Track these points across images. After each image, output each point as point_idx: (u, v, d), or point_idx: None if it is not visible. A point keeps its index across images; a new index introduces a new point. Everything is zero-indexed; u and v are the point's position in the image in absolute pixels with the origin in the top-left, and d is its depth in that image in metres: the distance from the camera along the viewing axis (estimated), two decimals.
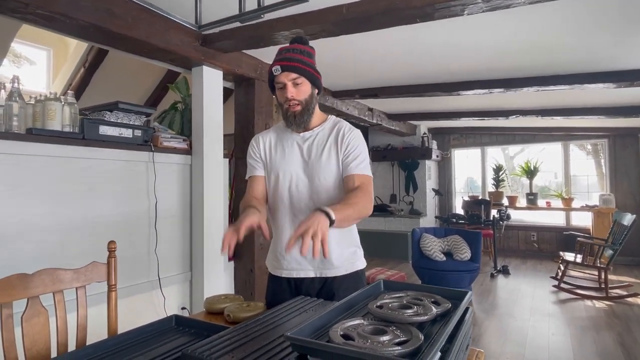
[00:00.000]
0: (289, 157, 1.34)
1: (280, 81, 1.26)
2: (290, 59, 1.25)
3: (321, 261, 1.30)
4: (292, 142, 1.36)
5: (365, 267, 1.41)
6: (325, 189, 1.30)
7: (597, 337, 3.05)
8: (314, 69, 1.29)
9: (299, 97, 1.26)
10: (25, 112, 1.84)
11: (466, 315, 0.90)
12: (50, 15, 1.72)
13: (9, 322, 1.00)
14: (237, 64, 2.65)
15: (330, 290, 1.31)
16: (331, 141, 1.32)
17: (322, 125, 1.36)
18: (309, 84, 1.28)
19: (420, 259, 4.14)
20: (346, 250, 1.35)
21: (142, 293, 2.23)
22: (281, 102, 1.30)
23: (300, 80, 1.25)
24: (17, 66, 5.28)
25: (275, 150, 1.38)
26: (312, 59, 1.30)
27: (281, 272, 1.36)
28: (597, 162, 6.31)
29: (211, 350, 0.79)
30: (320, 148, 1.32)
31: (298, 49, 1.28)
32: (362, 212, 1.21)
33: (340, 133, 1.32)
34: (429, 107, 4.94)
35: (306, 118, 1.29)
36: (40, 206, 1.81)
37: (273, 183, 1.36)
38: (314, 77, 1.28)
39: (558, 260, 4.82)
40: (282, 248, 1.35)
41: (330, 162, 1.30)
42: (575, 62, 2.91)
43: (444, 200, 7.09)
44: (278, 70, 1.24)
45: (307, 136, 1.34)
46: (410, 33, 2.37)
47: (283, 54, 1.27)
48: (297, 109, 1.27)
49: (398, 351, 0.64)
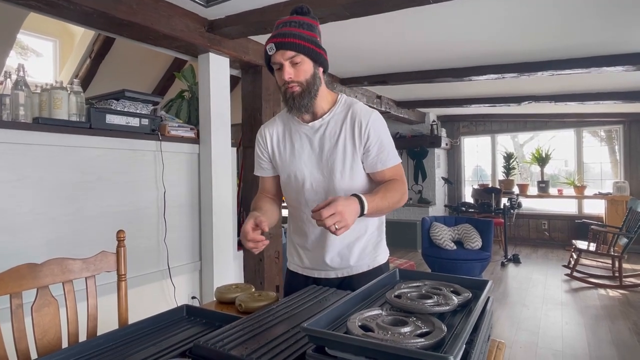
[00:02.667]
0: (300, 154, 1.19)
1: (277, 61, 1.08)
2: (285, 34, 1.06)
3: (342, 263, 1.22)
4: (301, 135, 1.20)
5: (387, 259, 1.30)
6: (344, 185, 1.16)
7: (612, 326, 3.00)
8: (316, 44, 1.10)
9: (298, 78, 1.08)
10: (31, 102, 1.82)
11: (487, 305, 0.86)
12: (54, 1, 1.69)
13: (19, 312, 0.99)
14: (243, 50, 2.60)
15: (349, 287, 1.19)
16: (346, 130, 1.15)
17: (332, 111, 1.18)
18: (310, 62, 1.10)
19: (430, 248, 4.11)
20: (369, 245, 1.24)
21: (152, 282, 2.23)
22: (280, 85, 1.13)
23: (299, 58, 1.07)
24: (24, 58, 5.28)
25: (283, 145, 1.23)
26: (313, 32, 1.10)
27: (303, 271, 1.28)
28: (611, 148, 6.17)
29: (224, 342, 0.76)
30: (334, 139, 1.16)
31: (296, 21, 1.08)
32: (395, 205, 1.13)
33: (357, 122, 1.15)
34: (438, 94, 4.84)
35: (307, 101, 1.12)
36: (48, 196, 1.80)
37: (286, 183, 1.24)
38: (314, 54, 1.09)
39: (570, 248, 4.75)
40: (304, 248, 1.26)
41: (346, 154, 1.15)
42: (592, 45, 2.81)
43: (453, 188, 7.01)
44: (272, 48, 1.06)
45: (316, 126, 1.18)
46: (421, 16, 2.30)
47: (279, 28, 1.08)
48: (296, 89, 1.10)
49: (421, 343, 0.60)
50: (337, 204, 0.96)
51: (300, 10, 1.12)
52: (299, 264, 1.29)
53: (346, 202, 0.98)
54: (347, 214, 0.96)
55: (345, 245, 1.21)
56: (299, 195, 1.21)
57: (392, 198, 1.12)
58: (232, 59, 2.60)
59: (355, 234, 1.20)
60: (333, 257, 1.22)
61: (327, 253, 1.21)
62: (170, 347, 0.85)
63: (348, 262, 1.22)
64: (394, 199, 1.12)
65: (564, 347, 2.66)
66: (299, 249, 1.28)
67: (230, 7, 2.15)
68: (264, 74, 2.79)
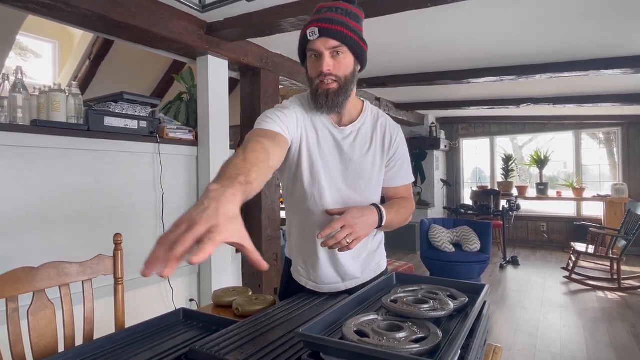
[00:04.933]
0: (328, 157, 1.05)
1: (316, 48, 0.95)
2: (332, 20, 0.94)
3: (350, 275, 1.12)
4: (328, 136, 1.06)
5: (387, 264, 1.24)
6: (364, 198, 1.08)
7: (610, 328, 3.00)
8: (361, 37, 0.99)
9: (338, 72, 0.96)
10: (29, 104, 1.82)
11: (484, 310, 0.86)
12: (52, 3, 1.69)
13: (15, 316, 0.98)
14: (242, 53, 2.61)
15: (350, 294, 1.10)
16: (377, 141, 1.08)
17: (362, 118, 1.09)
18: (352, 56, 0.98)
19: (428, 250, 4.10)
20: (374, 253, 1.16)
21: (150, 285, 2.23)
22: (312, 77, 1.00)
23: (343, 49, 0.95)
24: (23, 59, 5.28)
25: (312, 139, 1.05)
26: (359, 25, 1.00)
27: (307, 283, 1.14)
28: (610, 151, 6.18)
29: (220, 346, 0.76)
30: (364, 150, 1.06)
31: (343, 8, 0.97)
32: (403, 222, 1.11)
33: (387, 135, 1.08)
34: (437, 96, 4.85)
35: (342, 100, 1.00)
36: (46, 198, 1.79)
37: (310, 185, 1.05)
38: (359, 48, 0.98)
39: (569, 251, 4.75)
40: (313, 260, 1.10)
41: (374, 166, 1.08)
42: (591, 48, 2.81)
43: (452, 191, 7.01)
44: (315, 33, 0.93)
45: (347, 132, 1.06)
46: (420, 19, 2.30)
47: (323, 12, 0.96)
48: (332, 86, 0.97)
49: (416, 349, 0.60)
50: (346, 217, 0.90)
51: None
52: (304, 275, 1.15)
53: (359, 213, 0.93)
54: (358, 226, 0.90)
55: (355, 256, 1.11)
56: (318, 204, 1.06)
57: (404, 215, 1.10)
58: (230, 61, 2.60)
59: (365, 251, 1.13)
60: (342, 271, 1.10)
61: (337, 265, 1.10)
62: (167, 351, 0.85)
63: (356, 272, 1.12)
64: (404, 216, 1.10)
65: (563, 349, 2.66)
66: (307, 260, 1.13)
67: (229, 10, 2.15)
68: (263, 77, 2.80)
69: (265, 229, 2.76)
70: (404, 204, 1.10)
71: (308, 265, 1.12)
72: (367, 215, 0.94)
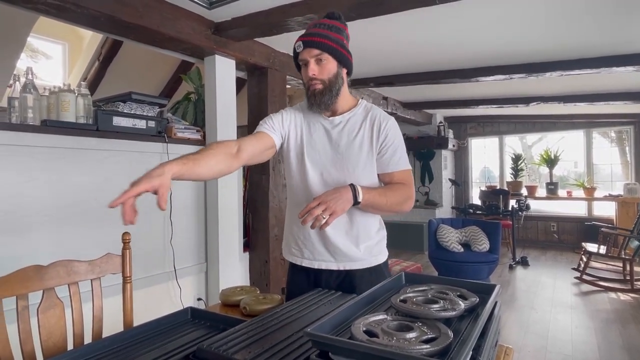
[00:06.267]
0: (317, 144, 1.23)
1: (303, 58, 1.17)
2: (314, 34, 1.15)
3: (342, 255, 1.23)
4: (319, 127, 1.24)
5: (387, 259, 1.33)
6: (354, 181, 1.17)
7: (623, 330, 2.95)
8: (342, 45, 1.18)
9: (321, 75, 1.16)
10: (39, 104, 1.84)
11: (495, 310, 0.84)
12: (61, 4, 1.70)
13: (25, 314, 0.99)
14: (249, 52, 2.61)
15: (350, 284, 1.23)
16: (365, 130, 1.21)
17: (353, 111, 1.25)
18: (335, 62, 1.17)
19: (436, 250, 4.07)
20: (370, 242, 1.26)
21: (158, 284, 2.24)
22: (305, 82, 1.21)
23: (324, 56, 1.15)
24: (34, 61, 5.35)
25: (300, 131, 1.26)
26: (340, 35, 1.19)
27: (302, 262, 1.28)
28: (622, 149, 6.08)
29: (227, 345, 0.76)
30: (352, 136, 1.21)
31: (325, 23, 1.18)
32: (397, 206, 1.18)
33: (376, 123, 1.21)
34: (445, 95, 4.81)
35: (328, 99, 1.18)
36: (56, 198, 1.81)
37: (298, 171, 1.25)
38: (339, 54, 1.17)
39: (579, 251, 4.68)
40: (304, 237, 1.25)
41: (362, 152, 1.20)
42: (602, 45, 2.76)
43: (461, 190, 6.95)
44: (300, 46, 1.16)
45: (336, 122, 1.23)
46: (428, 16, 2.28)
47: (309, 29, 1.19)
48: (318, 87, 1.17)
49: (426, 350, 0.59)
50: (321, 195, 1.03)
51: (332, 15, 1.22)
52: (298, 255, 1.29)
53: (333, 191, 1.05)
54: (332, 201, 1.01)
55: (343, 232, 1.23)
56: (307, 184, 1.22)
57: (393, 198, 1.17)
58: (238, 61, 2.61)
59: (356, 229, 1.23)
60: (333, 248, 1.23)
61: (326, 243, 1.23)
62: (175, 350, 0.85)
63: (348, 251, 1.23)
64: (395, 199, 1.17)
65: (574, 351, 2.62)
66: (298, 239, 1.27)
67: (236, 9, 2.15)
68: (270, 76, 2.79)
69: (272, 228, 2.76)
70: (394, 188, 1.19)
71: (300, 243, 1.27)
72: (342, 192, 1.05)
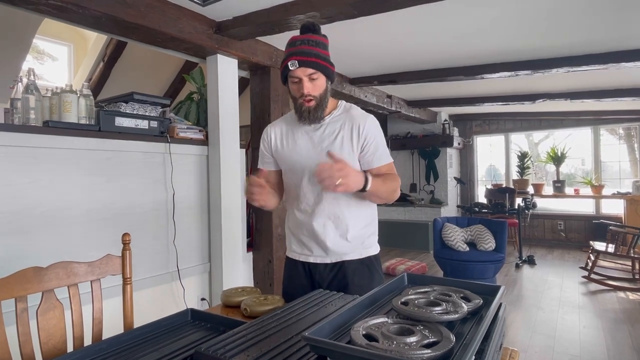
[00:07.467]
0: (300, 148, 1.32)
1: (296, 75, 1.22)
2: (307, 53, 1.20)
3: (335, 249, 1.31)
4: (302, 133, 1.33)
5: (379, 253, 1.41)
6: None
7: (632, 330, 2.90)
8: (330, 62, 1.26)
9: (314, 92, 1.23)
10: (42, 105, 1.84)
11: (499, 313, 0.82)
12: (63, 5, 1.70)
13: (24, 316, 0.99)
14: (251, 51, 2.60)
15: (344, 277, 1.31)
16: (345, 131, 1.29)
17: (333, 114, 1.33)
18: (324, 77, 1.25)
19: (442, 249, 4.04)
20: (363, 231, 1.34)
21: (162, 284, 2.24)
22: (295, 96, 1.27)
23: (317, 75, 1.22)
24: (40, 62, 5.38)
25: (285, 141, 1.36)
26: (326, 51, 1.26)
27: (299, 257, 1.38)
28: (630, 146, 6.00)
29: (225, 348, 0.74)
30: (333, 137, 1.29)
31: (313, 40, 1.23)
32: (390, 195, 1.27)
33: (355, 123, 1.29)
34: (450, 93, 4.77)
35: (320, 113, 1.27)
36: (58, 198, 1.81)
37: (286, 174, 1.38)
38: (329, 71, 1.26)
39: (587, 250, 4.62)
40: (299, 233, 1.37)
41: (343, 152, 1.27)
42: (610, 40, 2.72)
43: (466, 189, 6.90)
44: (295, 65, 1.20)
45: (317, 125, 1.31)
46: (431, 13, 2.25)
47: (297, 45, 1.22)
48: (311, 104, 1.24)
49: (427, 355, 0.57)
50: (347, 164, 1.11)
51: (313, 27, 1.27)
52: (296, 250, 1.39)
53: (353, 170, 1.13)
54: (352, 175, 1.10)
55: (338, 234, 1.31)
56: (297, 187, 1.34)
57: (390, 187, 1.27)
58: (240, 60, 2.60)
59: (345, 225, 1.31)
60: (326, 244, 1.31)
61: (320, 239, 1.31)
62: (174, 352, 0.84)
63: (341, 248, 1.31)
64: (391, 188, 1.27)
65: (582, 352, 2.58)
66: (295, 236, 1.39)
67: (237, 8, 2.14)
68: (272, 75, 2.78)
69: (276, 228, 2.75)
70: (389, 177, 1.28)
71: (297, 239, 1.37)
72: (358, 175, 1.15)
